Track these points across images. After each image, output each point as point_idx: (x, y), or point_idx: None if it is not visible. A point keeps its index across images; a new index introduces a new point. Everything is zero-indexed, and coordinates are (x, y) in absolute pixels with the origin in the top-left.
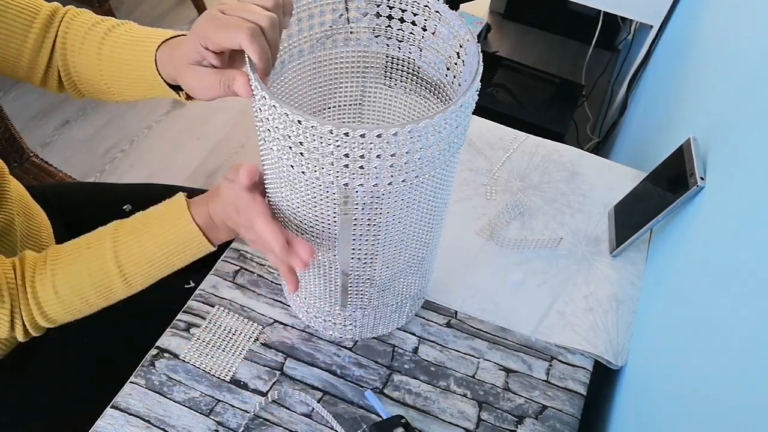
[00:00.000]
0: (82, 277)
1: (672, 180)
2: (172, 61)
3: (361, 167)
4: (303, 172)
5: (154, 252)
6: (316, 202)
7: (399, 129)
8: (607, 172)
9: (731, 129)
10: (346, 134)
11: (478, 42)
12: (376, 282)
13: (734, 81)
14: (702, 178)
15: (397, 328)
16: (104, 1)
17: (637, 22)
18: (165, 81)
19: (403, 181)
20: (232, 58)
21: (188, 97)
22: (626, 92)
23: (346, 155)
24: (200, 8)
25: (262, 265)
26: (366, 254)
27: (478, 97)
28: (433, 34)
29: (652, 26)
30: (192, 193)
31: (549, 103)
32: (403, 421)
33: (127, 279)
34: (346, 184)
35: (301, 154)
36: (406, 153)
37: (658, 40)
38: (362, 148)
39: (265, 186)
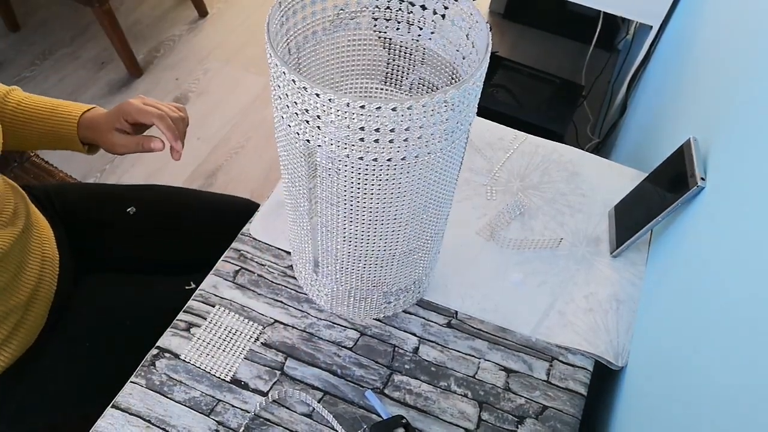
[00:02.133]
0: None
1: (672, 180)
2: (93, 128)
3: (377, 141)
4: (319, 146)
5: None
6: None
7: (413, 102)
8: (607, 172)
9: (731, 129)
10: (362, 107)
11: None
12: (351, 258)
13: (734, 81)
14: (702, 178)
15: (397, 328)
16: (104, 2)
17: (636, 22)
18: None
19: (416, 156)
20: (138, 130)
21: (89, 151)
22: (626, 92)
23: (362, 128)
24: (200, 8)
25: (262, 265)
26: (362, 234)
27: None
28: (443, 17)
29: (651, 26)
30: (191, 194)
31: (549, 103)
32: (403, 421)
33: None
34: (361, 158)
35: (318, 128)
36: (420, 128)
37: (657, 40)
38: (377, 122)
39: (280, 165)
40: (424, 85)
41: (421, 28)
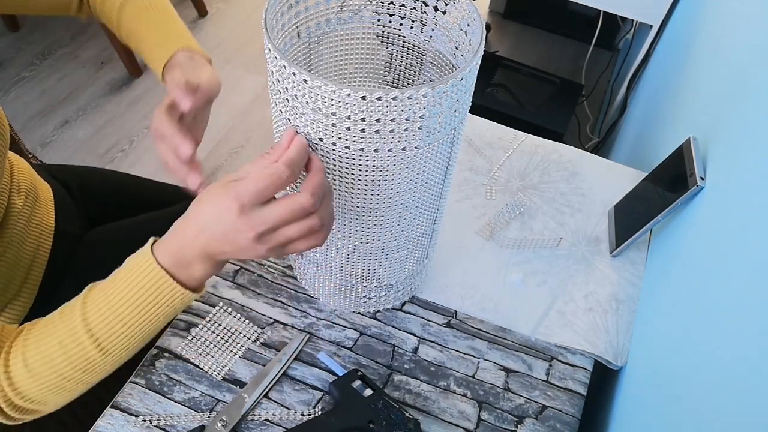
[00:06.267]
0: (52, 346)
1: (672, 180)
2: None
3: (377, 131)
4: (320, 139)
5: (124, 308)
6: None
7: (414, 92)
8: (607, 172)
9: (731, 129)
10: (363, 98)
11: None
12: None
13: (734, 80)
14: (702, 178)
15: (396, 328)
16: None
17: (637, 21)
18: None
19: (416, 147)
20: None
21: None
22: (626, 92)
23: (363, 119)
24: (200, 8)
25: (262, 265)
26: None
27: (480, 93)
28: (444, 13)
29: (651, 26)
30: (190, 194)
31: (549, 103)
32: (359, 374)
33: (100, 343)
34: (362, 149)
35: (319, 120)
36: (420, 118)
37: (657, 39)
38: (378, 112)
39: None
40: (437, 62)
41: (423, 24)
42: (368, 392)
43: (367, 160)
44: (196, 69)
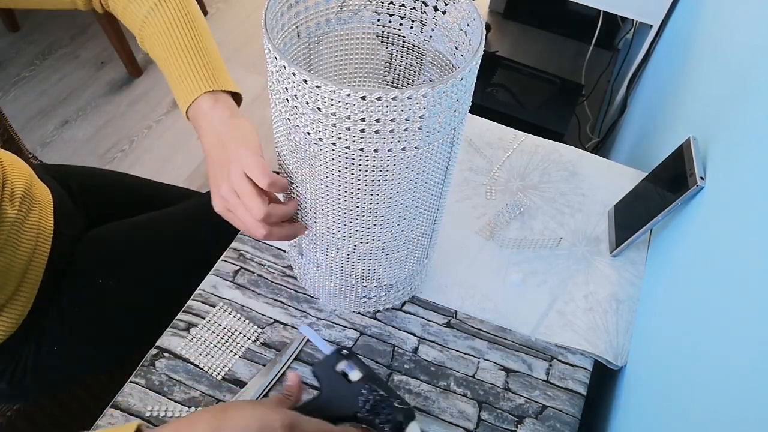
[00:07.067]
0: None
1: (672, 180)
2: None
3: (377, 131)
4: (320, 139)
5: None
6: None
7: (414, 92)
8: (607, 172)
9: (731, 129)
10: (363, 98)
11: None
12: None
13: (734, 80)
14: (702, 178)
15: (396, 328)
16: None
17: (637, 21)
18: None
19: (416, 147)
20: None
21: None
22: (626, 92)
23: (363, 119)
24: (201, 8)
25: (261, 265)
26: (343, 225)
27: (481, 92)
28: (444, 13)
29: (651, 26)
30: (190, 194)
31: (549, 103)
32: (345, 353)
33: None
34: (362, 149)
35: (319, 120)
36: (420, 118)
37: (657, 39)
38: (378, 112)
39: (278, 160)
40: (437, 62)
41: (423, 24)
42: (356, 375)
43: (367, 160)
44: (230, 129)
